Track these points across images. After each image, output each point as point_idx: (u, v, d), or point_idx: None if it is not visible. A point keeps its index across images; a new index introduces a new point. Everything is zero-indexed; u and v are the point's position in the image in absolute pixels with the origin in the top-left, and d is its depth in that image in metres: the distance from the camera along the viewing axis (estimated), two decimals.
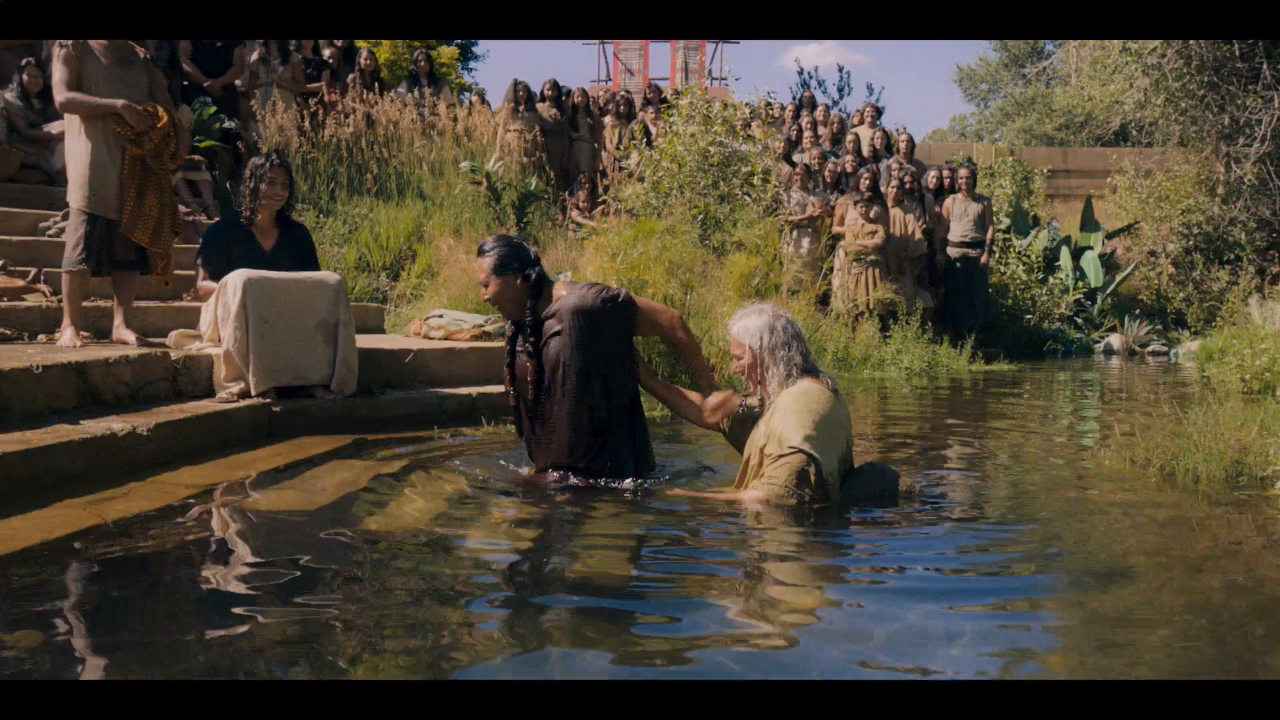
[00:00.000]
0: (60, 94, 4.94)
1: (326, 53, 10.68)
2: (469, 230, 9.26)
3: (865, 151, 12.14)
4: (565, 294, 3.64)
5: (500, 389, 5.79)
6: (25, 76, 8.01)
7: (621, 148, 11.84)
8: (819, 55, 78.99)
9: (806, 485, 3.08)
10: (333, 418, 4.89)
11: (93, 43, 5.01)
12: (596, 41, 25.87)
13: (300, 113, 9.70)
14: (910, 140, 12.08)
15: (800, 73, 27.56)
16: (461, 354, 5.96)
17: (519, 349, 3.71)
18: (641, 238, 6.45)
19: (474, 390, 5.65)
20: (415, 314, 7.73)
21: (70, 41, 4.98)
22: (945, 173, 11.83)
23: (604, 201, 11.23)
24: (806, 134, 12.20)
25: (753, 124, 11.49)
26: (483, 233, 9.17)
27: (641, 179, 10.47)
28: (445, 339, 6.42)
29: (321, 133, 9.72)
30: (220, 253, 4.99)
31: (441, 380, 5.78)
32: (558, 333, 3.57)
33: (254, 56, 9.79)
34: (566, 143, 11.93)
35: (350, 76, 10.56)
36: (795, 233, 10.54)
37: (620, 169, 11.55)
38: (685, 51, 25.84)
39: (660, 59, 26.87)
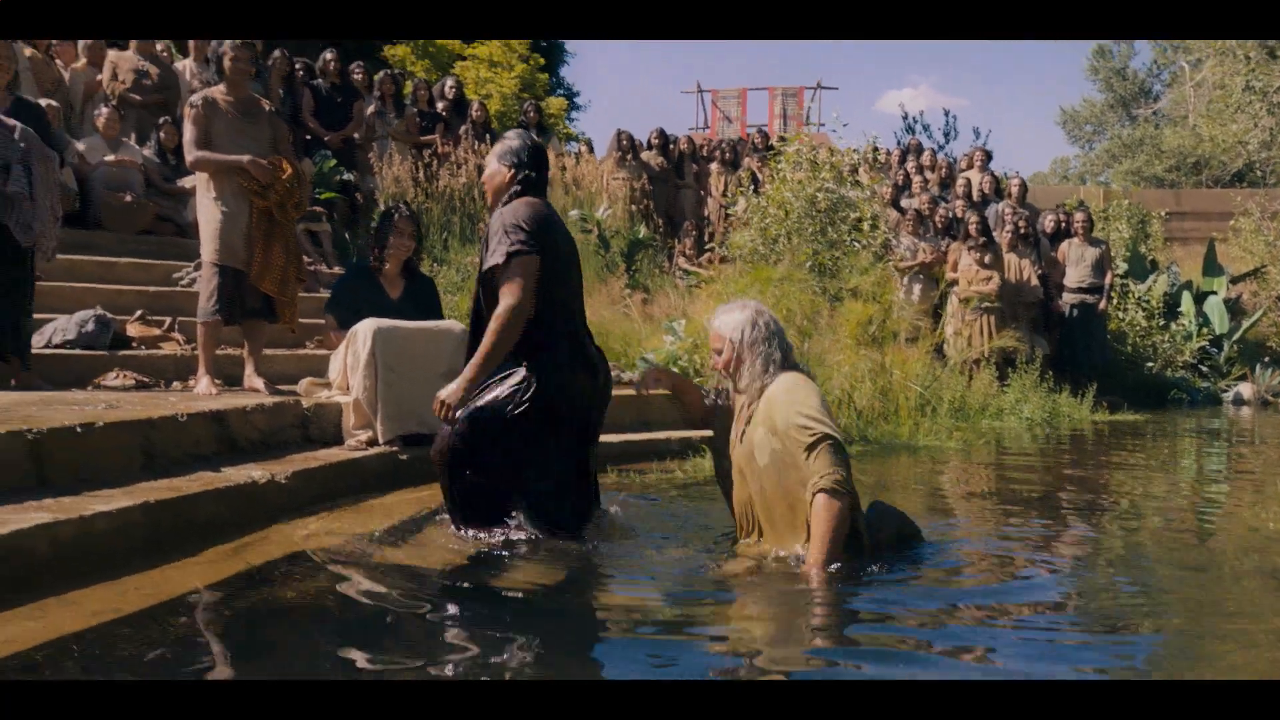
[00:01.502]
0: (190, 153, 5.14)
1: (439, 105, 10.94)
2: None
3: (975, 196, 11.92)
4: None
5: (617, 437, 5.81)
6: (162, 134, 8.37)
7: (728, 195, 11.85)
8: (913, 99, 78.35)
9: (842, 459, 3.04)
10: None
11: (220, 99, 5.19)
12: (695, 90, 26.05)
13: (415, 164, 9.93)
14: (1023, 184, 11.83)
15: (905, 117, 27.27)
16: None
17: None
18: (757, 285, 6.39)
19: (615, 438, 5.64)
20: None
21: (200, 100, 5.18)
22: (1061, 217, 11.53)
23: (710, 248, 11.23)
24: (915, 179, 12.03)
25: (859, 169, 11.39)
26: (592, 281, 9.21)
27: (748, 225, 10.43)
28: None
29: (435, 183, 9.93)
30: (349, 302, 5.09)
31: None
32: None
33: (370, 110, 10.07)
34: (672, 190, 11.98)
35: (462, 128, 10.79)
36: (906, 279, 10.38)
37: (726, 216, 11.54)
38: (784, 98, 25.84)
39: (758, 106, 26.88)
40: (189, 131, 5.08)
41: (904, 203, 11.64)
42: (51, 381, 5.30)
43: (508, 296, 3.35)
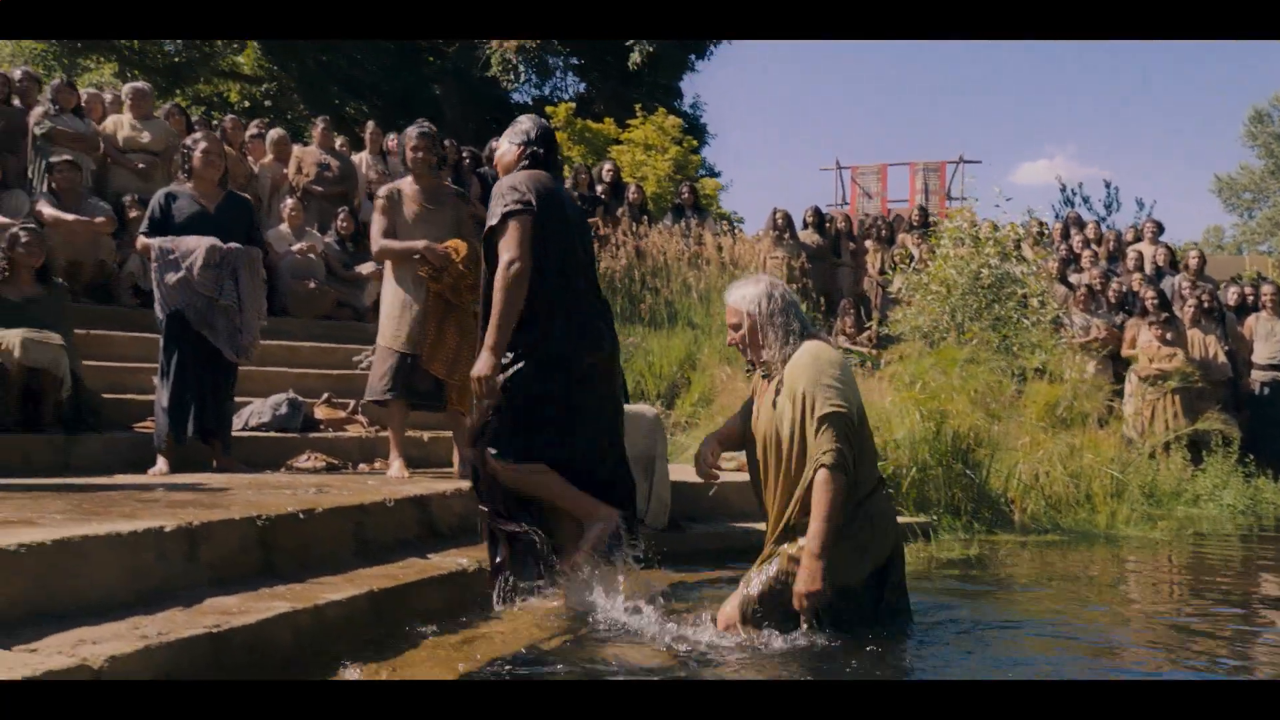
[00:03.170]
0: (375, 243, 5.27)
1: (598, 188, 11.13)
2: (740, 359, 9.21)
3: (1148, 269, 11.41)
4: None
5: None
6: (340, 222, 8.72)
7: (885, 272, 11.65)
8: (1049, 171, 76.47)
9: (847, 436, 3.05)
10: (643, 552, 4.81)
11: (406, 189, 5.32)
12: (834, 167, 25.97)
13: None
14: (1201, 256, 11.27)
15: (1063, 189, 26.43)
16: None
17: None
18: (941, 365, 6.17)
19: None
20: (692, 442, 7.69)
21: (385, 192, 5.32)
22: (1246, 290, 10.91)
23: (869, 326, 11.02)
24: (1085, 253, 11.61)
25: (1022, 244, 11.05)
26: None
27: (909, 303, 10.20)
28: (738, 469, 6.30)
29: (596, 265, 10.05)
30: None
31: (740, 513, 5.64)
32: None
33: None
34: (829, 268, 11.85)
35: (620, 210, 10.93)
36: (1079, 357, 9.93)
37: (885, 294, 11.34)
38: (925, 173, 25.52)
39: (898, 181, 26.64)
40: (376, 223, 5.21)
41: (1073, 278, 11.22)
42: (248, 463, 5.46)
43: (504, 254, 3.43)
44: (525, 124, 3.81)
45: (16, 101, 8.00)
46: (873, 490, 3.26)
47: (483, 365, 3.43)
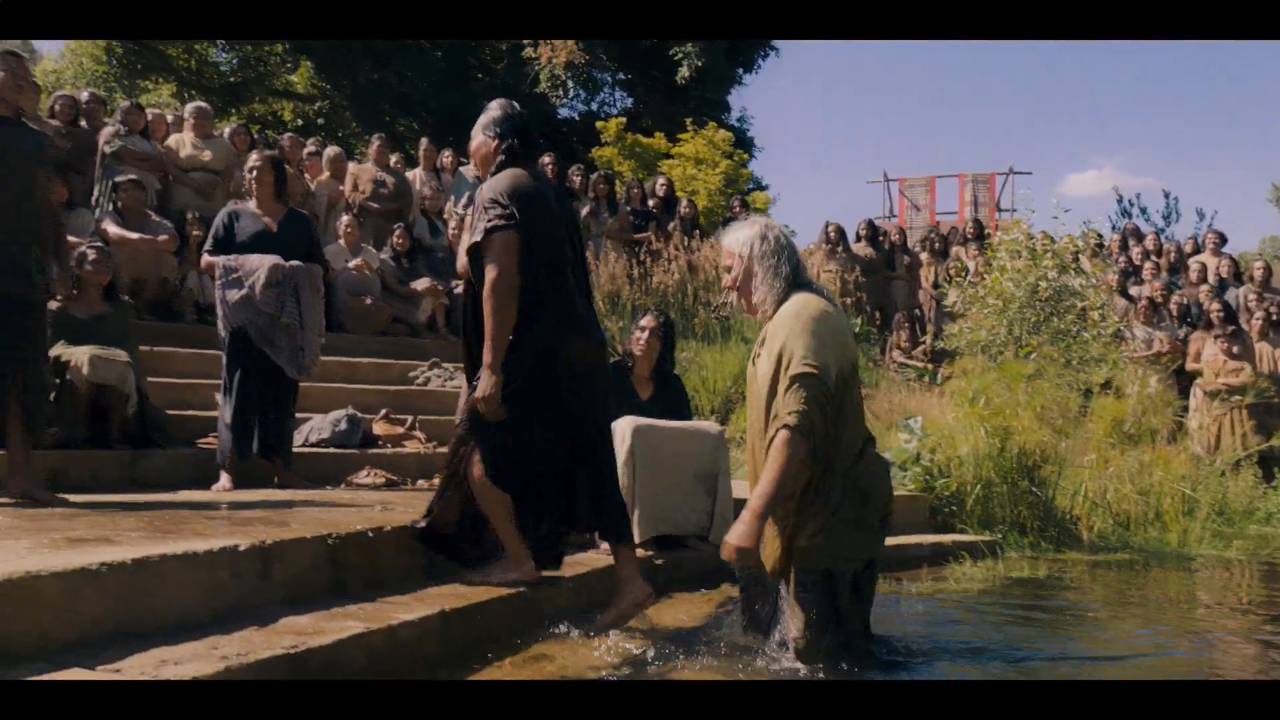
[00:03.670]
0: (460, 261, 5.28)
1: (650, 203, 11.12)
2: None
3: (1212, 281, 11.16)
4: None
5: (892, 541, 5.53)
6: (395, 239, 8.78)
7: (939, 286, 11.51)
8: (1098, 182, 75.28)
9: (817, 399, 2.93)
10: (704, 571, 4.76)
11: None
12: (881, 179, 25.78)
13: (629, 262, 10.06)
14: (1267, 268, 11.00)
15: (1120, 200, 25.94)
16: None
17: None
18: (1006, 381, 6.06)
19: None
20: (744, 460, 7.62)
21: (464, 210, 5.35)
22: None
23: (923, 341, 10.88)
24: (1146, 265, 11.39)
25: (1080, 256, 10.86)
26: None
27: (964, 316, 10.06)
28: None
29: (649, 280, 10.02)
30: None
31: None
32: None
33: (585, 211, 10.30)
34: (883, 282, 11.73)
35: (671, 224, 10.90)
36: (1141, 371, 9.72)
37: (939, 307, 11.19)
38: (974, 184, 25.25)
39: (947, 192, 26.35)
40: (461, 240, 5.26)
41: (1133, 290, 11.01)
42: (309, 479, 5.47)
43: (491, 272, 3.40)
44: (496, 113, 3.68)
45: (83, 123, 8.15)
46: (860, 453, 3.13)
47: (484, 386, 3.39)
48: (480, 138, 3.69)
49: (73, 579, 2.43)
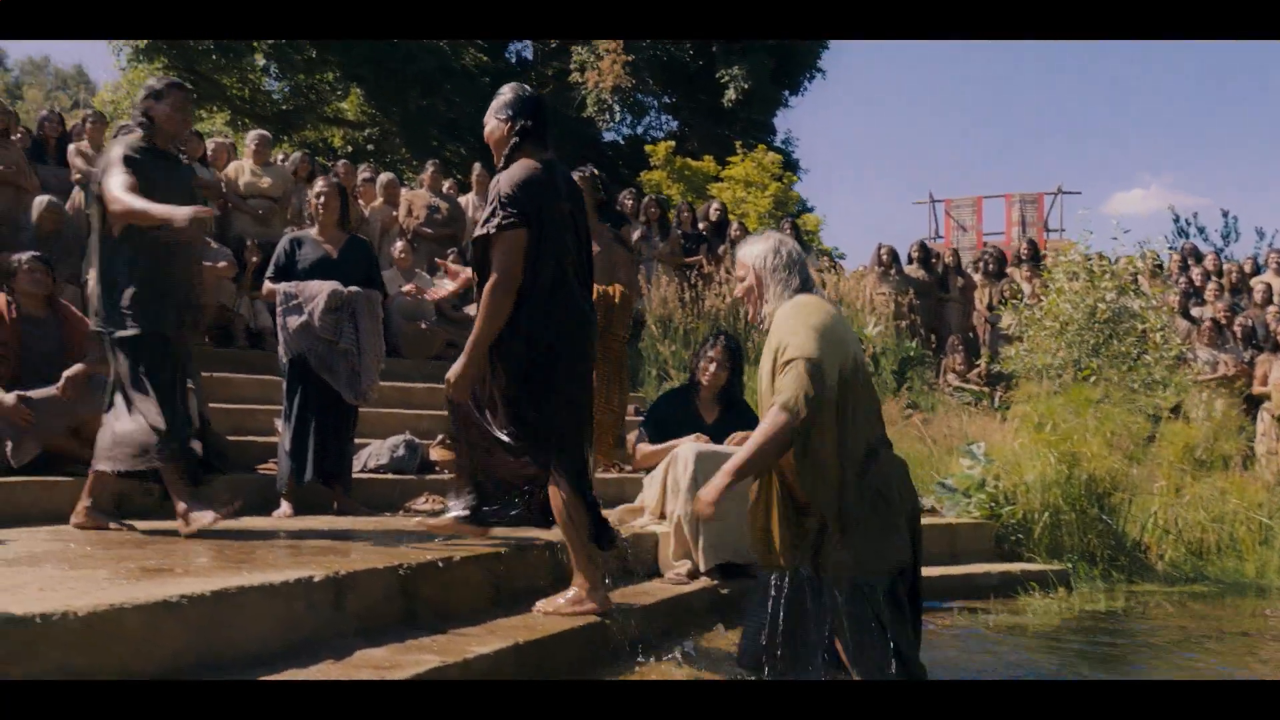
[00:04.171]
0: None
1: (701, 226, 11.08)
2: None
3: (1277, 301, 10.91)
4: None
5: (940, 570, 5.42)
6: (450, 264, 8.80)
7: (993, 308, 11.34)
8: (1144, 200, 74.15)
9: (811, 386, 3.00)
10: None
11: None
12: (927, 200, 25.58)
13: (681, 285, 10.02)
14: None
15: (1176, 220, 25.42)
16: None
17: None
18: (1074, 406, 5.92)
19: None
20: None
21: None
22: None
23: (979, 364, 10.71)
24: (1209, 286, 11.15)
25: (1139, 277, 10.66)
26: None
27: (1020, 339, 9.89)
28: None
29: (701, 303, 9.96)
30: (662, 422, 5.05)
31: None
32: None
33: (637, 234, 10.28)
34: (935, 304, 11.59)
35: (721, 248, 10.85)
36: (1206, 395, 9.50)
37: (994, 330, 11.02)
38: (1022, 204, 24.97)
39: (994, 213, 26.09)
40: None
41: (1195, 311, 10.78)
42: (367, 504, 5.46)
43: (496, 271, 3.44)
44: (508, 96, 3.69)
45: None
46: (872, 454, 3.16)
47: (456, 367, 3.57)
48: (493, 122, 3.69)
49: (154, 611, 2.41)
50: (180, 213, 3.73)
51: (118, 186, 3.84)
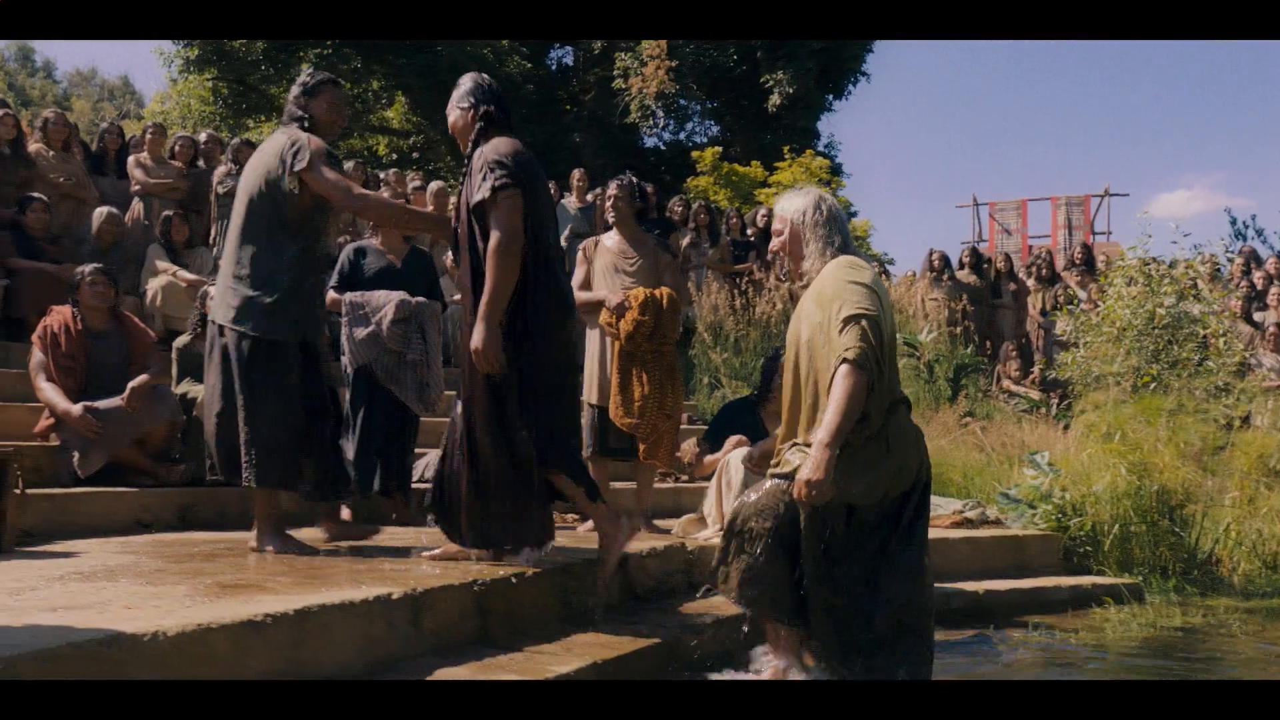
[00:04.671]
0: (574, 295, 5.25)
1: (749, 232, 11.00)
2: None
3: None
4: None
5: (1006, 584, 5.31)
6: None
7: (1046, 313, 11.16)
8: (1189, 202, 72.92)
9: (875, 341, 2.99)
10: None
11: (607, 240, 5.33)
12: (971, 203, 25.30)
13: (731, 292, 9.95)
14: None
15: (1233, 222, 24.90)
16: (952, 544, 5.52)
17: None
18: (1145, 416, 5.78)
19: (979, 586, 5.18)
20: None
21: (585, 244, 5.32)
22: None
23: (1033, 370, 10.54)
24: (1273, 290, 10.90)
25: (1198, 281, 10.42)
26: (923, 409, 8.75)
27: (1076, 345, 9.71)
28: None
29: (752, 310, 9.89)
30: (726, 432, 5.02)
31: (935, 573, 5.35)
32: None
33: (686, 241, 10.23)
34: (988, 310, 11.42)
35: (769, 254, 10.76)
36: (1272, 402, 9.26)
37: (1048, 336, 10.85)
38: (1068, 207, 24.61)
39: (1039, 216, 25.74)
40: (576, 274, 5.24)
41: (1257, 316, 10.54)
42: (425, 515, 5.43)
43: (499, 231, 3.40)
44: (467, 84, 3.70)
45: (201, 163, 8.34)
46: (893, 407, 3.15)
47: (478, 338, 3.42)
48: (455, 113, 3.71)
49: (240, 632, 2.38)
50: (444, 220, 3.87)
51: (352, 184, 3.85)
